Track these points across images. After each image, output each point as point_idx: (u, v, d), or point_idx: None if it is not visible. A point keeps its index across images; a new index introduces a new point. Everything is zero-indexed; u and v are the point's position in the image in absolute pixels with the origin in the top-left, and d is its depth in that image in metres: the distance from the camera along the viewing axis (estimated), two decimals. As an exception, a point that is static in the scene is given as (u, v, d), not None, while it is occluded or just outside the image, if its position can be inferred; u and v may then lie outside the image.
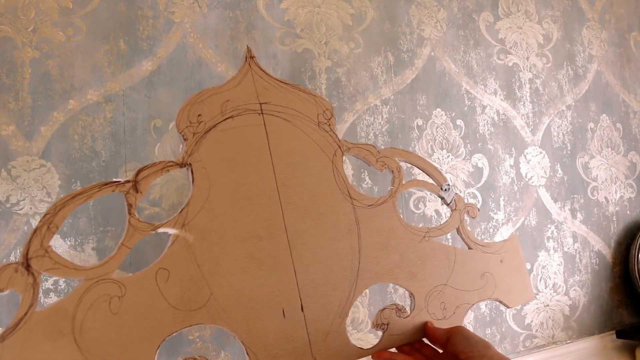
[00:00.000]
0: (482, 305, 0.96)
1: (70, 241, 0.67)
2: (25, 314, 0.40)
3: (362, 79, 0.90)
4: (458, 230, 0.60)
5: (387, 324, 0.54)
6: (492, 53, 1.04)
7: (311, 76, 0.85)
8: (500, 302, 0.60)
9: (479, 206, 0.98)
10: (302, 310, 0.50)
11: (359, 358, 0.52)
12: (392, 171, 0.57)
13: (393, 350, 0.55)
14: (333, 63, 0.88)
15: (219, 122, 0.50)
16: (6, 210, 0.65)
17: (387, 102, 0.92)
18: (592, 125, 1.14)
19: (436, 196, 0.91)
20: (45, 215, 0.42)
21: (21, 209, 0.65)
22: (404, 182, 0.58)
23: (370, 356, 0.54)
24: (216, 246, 0.48)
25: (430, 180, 0.60)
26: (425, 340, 0.56)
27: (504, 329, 0.98)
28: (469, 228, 0.60)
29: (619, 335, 1.08)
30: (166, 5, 0.77)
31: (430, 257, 0.57)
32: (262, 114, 0.52)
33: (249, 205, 0.49)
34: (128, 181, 0.46)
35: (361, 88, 0.90)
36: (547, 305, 1.04)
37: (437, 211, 0.93)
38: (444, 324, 0.56)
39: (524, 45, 1.08)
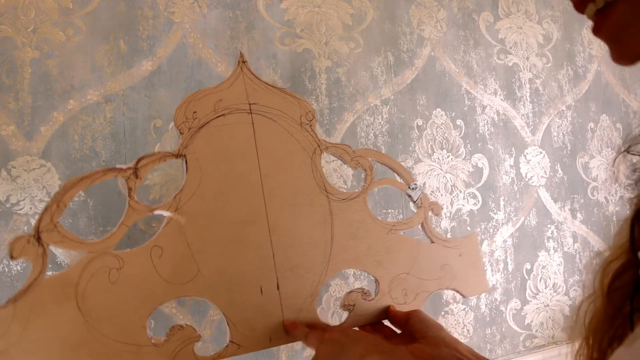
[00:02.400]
0: (482, 305, 0.96)
1: (70, 241, 0.67)
2: (35, 279, 0.45)
3: (362, 79, 0.90)
4: (422, 226, 0.65)
5: (353, 305, 0.59)
6: (492, 53, 1.04)
7: (311, 76, 0.85)
8: (457, 291, 0.65)
9: (479, 206, 0.98)
10: (278, 288, 0.55)
11: None
12: (365, 169, 0.62)
13: (356, 329, 0.60)
14: (333, 63, 0.88)
15: (212, 119, 0.55)
16: (6, 210, 0.65)
17: (387, 102, 0.92)
18: (592, 125, 1.14)
19: (436, 197, 0.91)
20: (56, 194, 0.47)
21: (21, 209, 0.65)
22: (375, 180, 0.63)
23: None
24: (204, 228, 0.53)
25: (400, 179, 0.65)
26: (386, 322, 0.61)
27: (504, 329, 0.98)
28: (431, 224, 0.66)
29: (619, 335, 1.08)
30: (166, 5, 0.77)
31: (395, 248, 0.62)
32: (251, 113, 0.57)
33: (235, 194, 0.55)
34: (129, 168, 0.50)
35: (361, 88, 0.90)
36: (547, 305, 1.04)
37: (437, 211, 0.93)
38: (404, 308, 0.61)
39: (524, 45, 1.08)
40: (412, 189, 0.64)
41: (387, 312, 0.60)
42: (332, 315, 0.82)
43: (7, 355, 0.43)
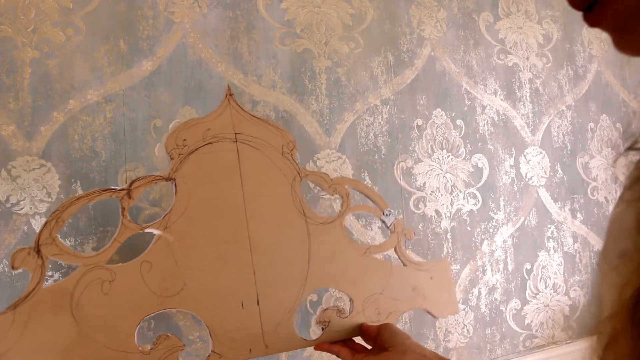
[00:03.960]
0: (482, 305, 0.96)
1: (70, 241, 0.67)
2: (34, 289, 0.49)
3: (362, 79, 0.90)
4: (395, 250, 0.68)
5: (328, 322, 0.63)
6: (492, 53, 1.04)
7: (311, 76, 0.85)
8: (428, 312, 0.69)
9: (479, 206, 0.98)
10: (258, 304, 0.59)
11: (303, 347, 0.62)
12: (342, 196, 0.66)
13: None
14: (333, 63, 0.88)
15: (201, 147, 0.59)
16: (6, 210, 0.65)
17: (387, 102, 0.92)
18: (592, 125, 1.14)
19: (437, 197, 0.91)
20: (55, 211, 0.51)
21: (21, 209, 0.65)
22: (351, 206, 0.67)
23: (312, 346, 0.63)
24: (191, 247, 0.57)
25: (374, 206, 0.69)
26: (357, 339, 0.65)
27: (504, 329, 0.98)
28: (404, 248, 0.70)
29: (619, 335, 1.08)
30: (166, 5, 0.77)
31: (369, 269, 0.66)
32: (237, 142, 0.61)
33: (220, 216, 0.59)
34: (123, 189, 0.55)
35: (361, 88, 0.90)
36: (547, 305, 1.04)
37: (437, 211, 0.93)
38: None
39: (524, 45, 1.08)
40: (386, 215, 0.68)
41: (360, 329, 0.64)
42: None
43: (5, 358, 0.46)
